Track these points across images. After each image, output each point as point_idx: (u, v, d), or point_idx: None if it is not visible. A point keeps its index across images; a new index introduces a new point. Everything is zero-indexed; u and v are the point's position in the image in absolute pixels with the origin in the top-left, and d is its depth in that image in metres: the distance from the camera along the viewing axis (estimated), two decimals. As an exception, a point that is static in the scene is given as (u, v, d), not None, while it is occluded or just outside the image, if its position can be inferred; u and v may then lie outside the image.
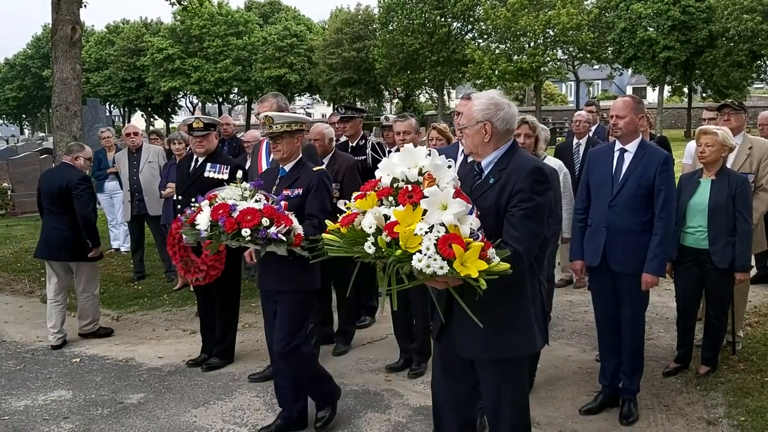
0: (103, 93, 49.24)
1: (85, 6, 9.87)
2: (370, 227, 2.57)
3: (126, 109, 56.36)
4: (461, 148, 4.08)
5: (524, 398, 3.10)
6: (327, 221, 2.85)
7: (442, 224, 2.51)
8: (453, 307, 2.91)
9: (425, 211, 2.55)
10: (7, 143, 33.36)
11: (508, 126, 2.95)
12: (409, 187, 2.65)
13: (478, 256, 2.48)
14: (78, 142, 7.14)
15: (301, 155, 4.14)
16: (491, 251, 2.55)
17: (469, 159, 3.19)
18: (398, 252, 2.49)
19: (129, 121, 53.08)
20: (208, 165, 5.24)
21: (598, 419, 4.29)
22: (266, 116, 4.01)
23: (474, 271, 2.45)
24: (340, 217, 2.73)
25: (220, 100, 53.29)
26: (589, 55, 37.88)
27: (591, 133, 7.54)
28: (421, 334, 5.10)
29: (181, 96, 54.66)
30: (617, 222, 4.14)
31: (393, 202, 2.65)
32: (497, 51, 36.90)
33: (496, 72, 35.34)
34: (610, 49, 36.89)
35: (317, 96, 53.90)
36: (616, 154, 4.25)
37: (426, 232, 2.48)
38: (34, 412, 4.66)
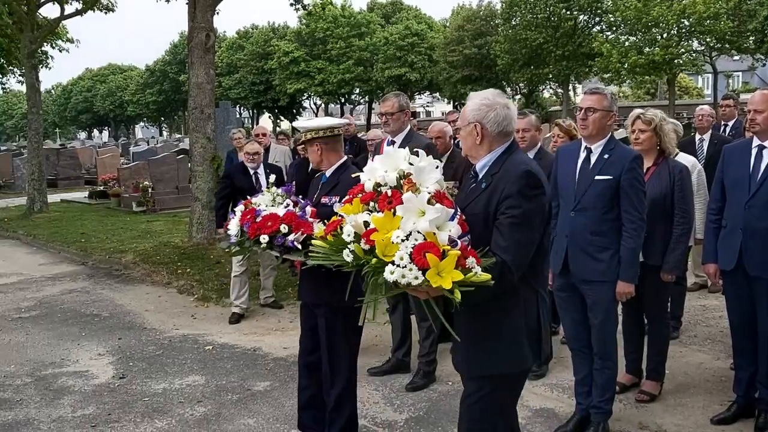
0: (233, 96, 51.73)
1: (218, 14, 10.42)
2: (349, 235, 2.44)
3: (255, 111, 58.99)
4: (584, 144, 3.96)
5: (495, 418, 2.79)
6: (319, 226, 2.74)
7: (419, 231, 2.34)
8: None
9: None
10: (148, 144, 35.80)
11: (502, 128, 2.73)
12: (389, 192, 2.50)
13: (456, 265, 2.28)
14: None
15: (343, 160, 3.93)
16: (471, 260, 2.34)
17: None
18: (374, 261, 2.35)
19: (257, 123, 55.53)
20: None
21: (731, 429, 4.05)
22: (293, 126, 3.98)
23: (447, 282, 2.26)
24: (327, 224, 2.65)
25: (343, 100, 54.61)
26: (728, 46, 35.47)
27: (728, 128, 7.10)
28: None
29: (305, 97, 56.52)
30: (754, 223, 3.87)
31: (374, 207, 2.50)
32: (627, 43, 35.34)
33: (626, 65, 33.84)
34: (751, 38, 34.33)
35: (437, 94, 53.89)
36: (754, 151, 3.97)
37: (403, 240, 2.32)
38: (170, 394, 5.00)
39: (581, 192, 3.88)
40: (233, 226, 3.63)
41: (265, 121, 58.10)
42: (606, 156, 3.85)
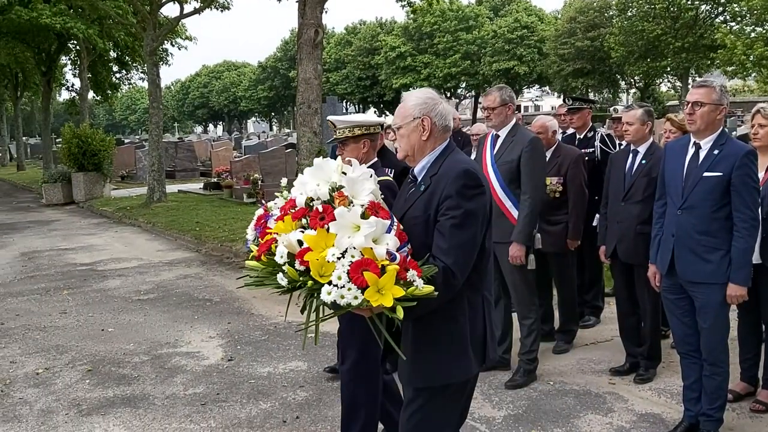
0: (340, 91, 52.79)
1: (326, 12, 10.62)
2: (282, 256, 2.27)
3: (360, 106, 59.86)
4: (692, 140, 3.77)
5: (439, 427, 2.67)
6: (253, 246, 2.57)
7: (355, 248, 2.20)
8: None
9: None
10: (259, 138, 37.06)
11: (445, 122, 2.65)
12: (320, 207, 2.32)
13: (396, 280, 2.17)
14: None
15: (374, 161, 3.68)
16: (411, 273, 2.23)
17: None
18: (310, 283, 2.21)
19: (364, 117, 56.24)
20: None
21: None
22: (329, 121, 3.79)
23: (388, 300, 2.15)
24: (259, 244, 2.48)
25: (448, 95, 54.43)
26: None
27: None
28: (650, 338, 4.81)
29: (411, 92, 56.82)
30: None
31: (307, 224, 2.35)
32: (753, 35, 33.22)
33: (751, 57, 31.82)
34: None
35: (546, 88, 52.77)
36: None
37: (339, 258, 2.18)
38: (275, 378, 5.18)
39: (689, 189, 3.71)
40: (250, 230, 3.33)
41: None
42: (716, 152, 3.65)
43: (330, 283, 2.16)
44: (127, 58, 28.43)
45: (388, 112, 59.05)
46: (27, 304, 7.68)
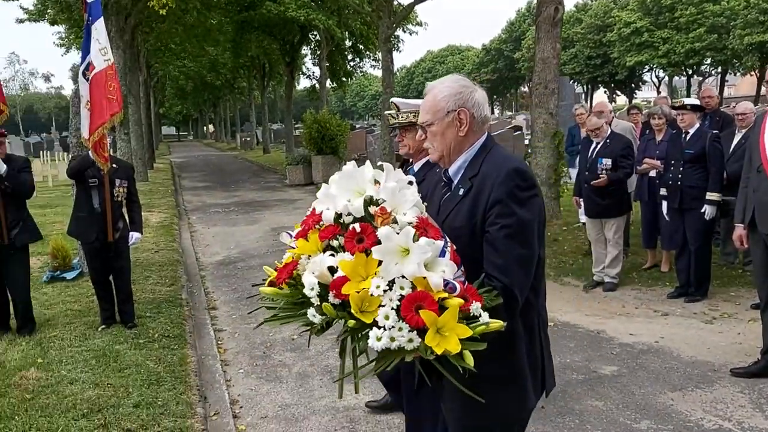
0: (568, 71, 50.93)
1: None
2: (312, 288, 1.86)
3: (589, 86, 57.34)
4: None
5: None
6: (269, 270, 2.11)
7: (404, 277, 1.78)
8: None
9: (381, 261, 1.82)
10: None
11: (484, 112, 2.26)
12: (357, 227, 1.88)
13: (458, 317, 1.76)
14: None
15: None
16: (475, 306, 1.80)
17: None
18: (352, 322, 1.79)
19: (592, 98, 53.94)
20: None
21: None
22: (392, 103, 3.34)
23: (454, 344, 1.73)
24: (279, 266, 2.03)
25: (690, 72, 50.12)
26: None
27: None
28: None
29: (646, 70, 53.22)
30: None
31: (340, 246, 1.91)
32: None
33: None
34: None
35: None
36: None
37: (385, 291, 1.77)
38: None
39: None
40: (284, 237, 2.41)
41: (601, 96, 56.14)
42: None
43: (376, 323, 1.76)
44: (360, 46, 29.97)
45: (619, 92, 56.03)
46: (279, 275, 8.35)
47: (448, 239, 1.94)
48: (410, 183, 2.03)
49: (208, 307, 7.00)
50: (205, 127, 77.72)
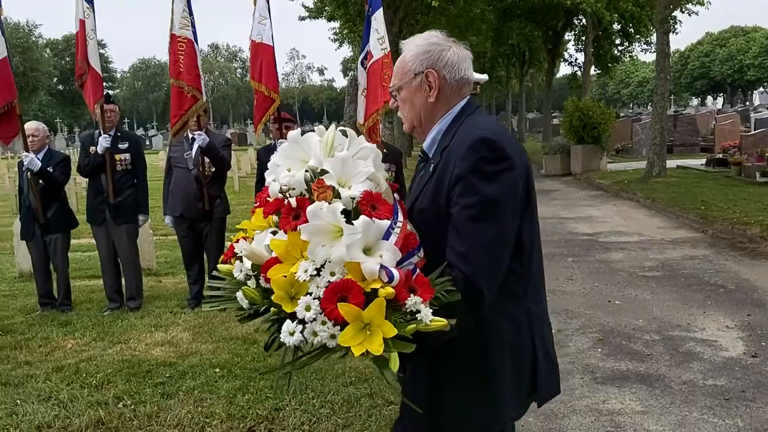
0: None
1: None
2: (241, 270, 1.65)
3: None
4: None
5: None
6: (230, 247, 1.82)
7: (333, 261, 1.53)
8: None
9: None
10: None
11: (460, 73, 1.89)
12: (293, 201, 1.63)
13: (394, 312, 1.50)
14: None
15: None
16: (413, 301, 1.49)
17: None
18: (273, 309, 1.54)
19: None
20: None
21: None
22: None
23: (377, 345, 1.45)
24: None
25: None
26: None
27: None
28: None
29: None
30: None
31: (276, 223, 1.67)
32: None
33: None
34: None
35: None
36: None
37: (312, 276, 1.50)
38: None
39: None
40: None
41: None
42: None
43: (295, 316, 1.50)
44: (630, 29, 28.29)
45: None
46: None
47: (399, 219, 1.64)
48: (373, 154, 1.75)
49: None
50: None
